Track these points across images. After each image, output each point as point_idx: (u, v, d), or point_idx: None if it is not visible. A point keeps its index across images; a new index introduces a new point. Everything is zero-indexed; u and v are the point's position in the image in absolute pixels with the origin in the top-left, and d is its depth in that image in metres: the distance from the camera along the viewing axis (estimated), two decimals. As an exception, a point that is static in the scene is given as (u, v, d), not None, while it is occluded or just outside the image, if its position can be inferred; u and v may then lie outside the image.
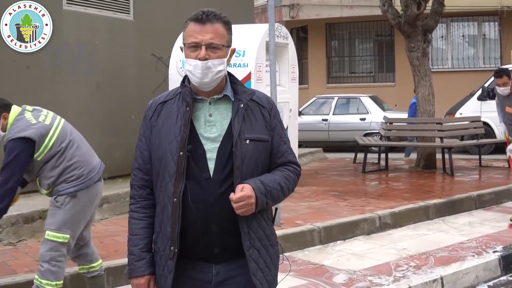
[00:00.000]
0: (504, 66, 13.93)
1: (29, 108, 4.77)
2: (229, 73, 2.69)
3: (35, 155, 4.55)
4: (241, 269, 2.58)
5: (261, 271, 2.58)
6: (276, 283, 2.70)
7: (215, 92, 2.62)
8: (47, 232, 4.63)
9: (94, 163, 4.84)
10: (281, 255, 2.78)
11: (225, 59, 2.59)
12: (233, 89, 2.66)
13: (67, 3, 9.24)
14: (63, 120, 4.86)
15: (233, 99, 2.63)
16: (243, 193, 2.46)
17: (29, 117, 4.64)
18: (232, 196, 2.47)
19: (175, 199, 2.52)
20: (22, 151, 4.48)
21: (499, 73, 8.06)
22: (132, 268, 2.65)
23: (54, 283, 4.59)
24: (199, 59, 2.53)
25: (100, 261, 5.16)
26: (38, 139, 4.54)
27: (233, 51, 2.67)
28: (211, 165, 2.55)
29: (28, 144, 4.50)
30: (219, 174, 2.54)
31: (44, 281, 4.57)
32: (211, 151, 2.56)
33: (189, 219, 2.53)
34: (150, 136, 2.65)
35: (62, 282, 4.71)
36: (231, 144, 2.54)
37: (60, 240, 4.62)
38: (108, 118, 9.90)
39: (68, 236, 4.65)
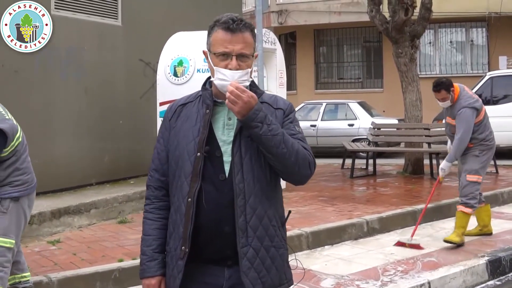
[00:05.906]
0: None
1: None
2: None
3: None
4: None
5: (255, 271, 2.52)
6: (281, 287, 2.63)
7: None
8: None
9: (33, 171, 4.83)
10: (294, 261, 2.69)
11: (253, 67, 2.62)
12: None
13: (55, 8, 9.21)
14: None
15: None
16: (242, 87, 2.44)
17: (1, 110, 4.56)
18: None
19: (189, 199, 2.53)
20: None
21: (437, 87, 6.96)
22: (144, 268, 2.66)
23: None
24: (230, 69, 2.52)
25: (29, 273, 5.09)
26: (11, 136, 4.47)
27: (256, 56, 2.66)
28: (227, 167, 2.55)
29: (1, 138, 4.42)
30: (234, 176, 2.54)
31: None
32: (228, 153, 2.56)
33: (203, 220, 2.53)
34: (168, 137, 2.66)
35: None
36: None
37: (7, 245, 4.54)
38: (96, 123, 9.85)
39: (13, 241, 4.57)
